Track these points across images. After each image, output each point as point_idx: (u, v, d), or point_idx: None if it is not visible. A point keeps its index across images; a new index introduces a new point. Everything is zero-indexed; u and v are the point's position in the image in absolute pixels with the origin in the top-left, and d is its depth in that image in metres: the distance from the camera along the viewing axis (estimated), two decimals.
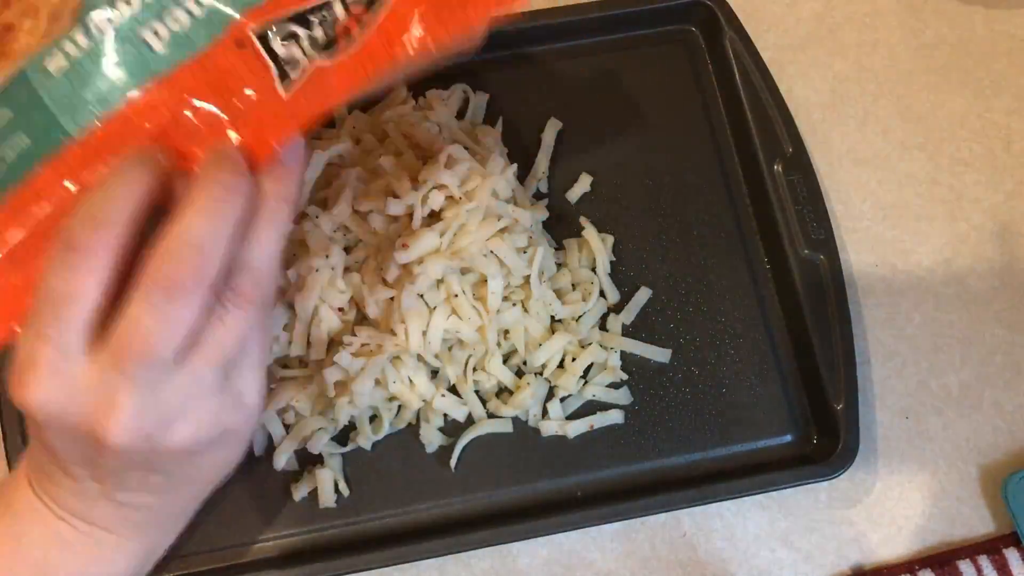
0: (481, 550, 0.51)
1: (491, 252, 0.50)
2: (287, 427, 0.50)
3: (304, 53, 0.34)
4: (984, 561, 0.51)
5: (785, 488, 0.51)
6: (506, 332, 0.52)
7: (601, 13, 0.60)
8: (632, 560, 0.51)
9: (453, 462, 0.51)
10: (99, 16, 0.33)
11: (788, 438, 0.53)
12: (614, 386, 0.53)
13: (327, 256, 0.48)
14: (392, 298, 0.49)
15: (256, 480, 0.50)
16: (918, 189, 0.60)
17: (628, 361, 0.54)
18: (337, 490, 0.50)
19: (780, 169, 0.56)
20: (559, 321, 0.53)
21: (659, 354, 0.54)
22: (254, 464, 0.50)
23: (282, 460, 0.50)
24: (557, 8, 0.60)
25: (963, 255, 0.58)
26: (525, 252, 0.51)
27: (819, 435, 0.53)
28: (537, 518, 0.50)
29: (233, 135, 0.34)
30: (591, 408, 0.53)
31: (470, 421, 0.52)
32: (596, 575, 0.51)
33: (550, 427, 0.52)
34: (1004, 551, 0.51)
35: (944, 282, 0.57)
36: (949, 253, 0.58)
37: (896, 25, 0.64)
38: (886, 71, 0.63)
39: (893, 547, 0.52)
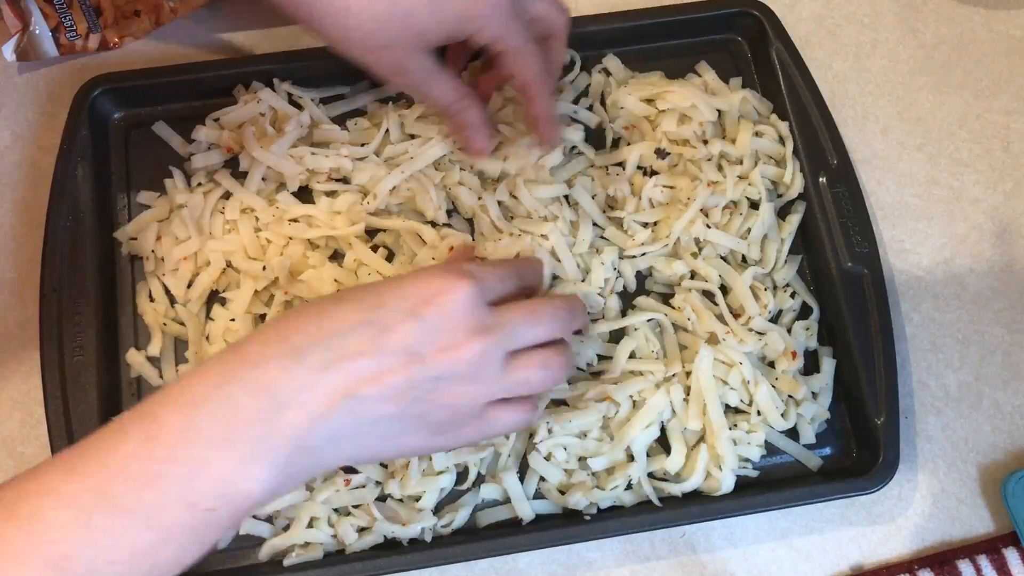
0: None
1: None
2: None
3: None
4: (983, 561, 0.51)
5: (824, 501, 0.51)
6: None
7: (647, 21, 0.60)
8: (632, 560, 0.51)
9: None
10: None
11: (827, 451, 0.53)
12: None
13: None
14: None
15: None
16: (917, 189, 0.60)
17: None
18: None
19: (825, 181, 0.56)
20: None
21: (811, 459, 0.52)
22: None
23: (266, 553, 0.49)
24: (602, 15, 0.60)
25: (962, 255, 0.58)
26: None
27: (858, 449, 0.52)
28: (595, 523, 0.49)
29: None
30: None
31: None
32: (596, 574, 0.51)
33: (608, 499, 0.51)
34: (1003, 551, 0.51)
35: (943, 282, 0.57)
36: (948, 253, 0.58)
37: (896, 25, 0.64)
38: (885, 71, 0.63)
39: (892, 547, 0.52)
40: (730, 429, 0.50)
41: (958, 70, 0.63)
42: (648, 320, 0.53)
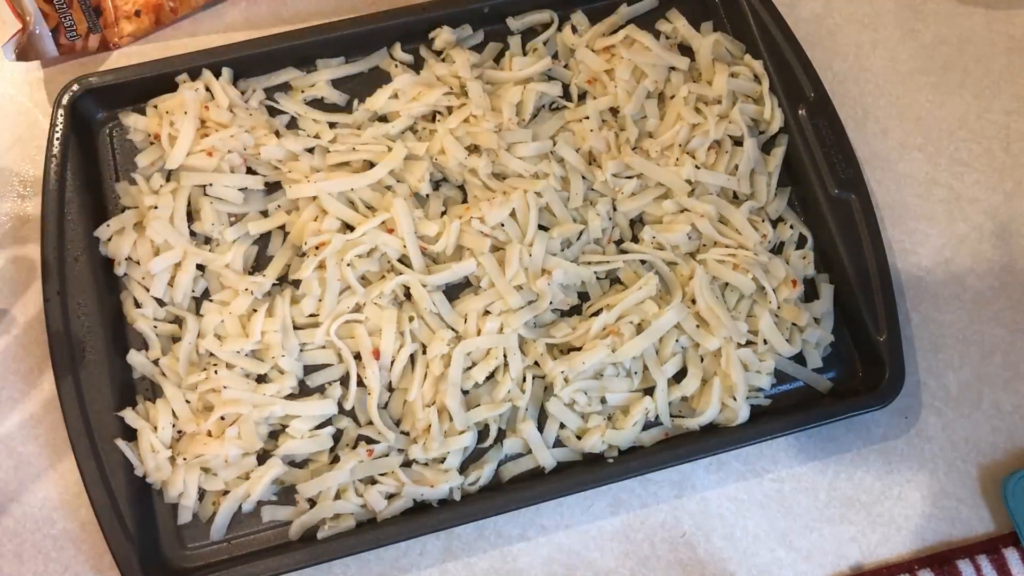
0: (481, 550, 0.51)
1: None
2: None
3: None
4: (983, 560, 0.51)
5: (839, 420, 0.51)
6: None
7: None
8: (632, 559, 0.51)
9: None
10: None
11: (834, 374, 0.54)
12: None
13: None
14: None
15: None
16: (917, 189, 0.60)
17: None
18: None
19: (804, 114, 0.57)
20: None
21: (820, 382, 0.54)
22: None
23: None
24: None
25: (962, 255, 0.58)
26: None
27: (864, 368, 0.53)
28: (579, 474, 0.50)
29: None
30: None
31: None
32: (596, 574, 0.51)
33: (627, 438, 0.51)
34: (1003, 550, 0.51)
35: (943, 282, 0.57)
36: (948, 253, 0.58)
37: (896, 25, 0.64)
38: (885, 71, 0.63)
39: (892, 547, 0.52)
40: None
41: (958, 70, 0.63)
42: (643, 264, 0.54)
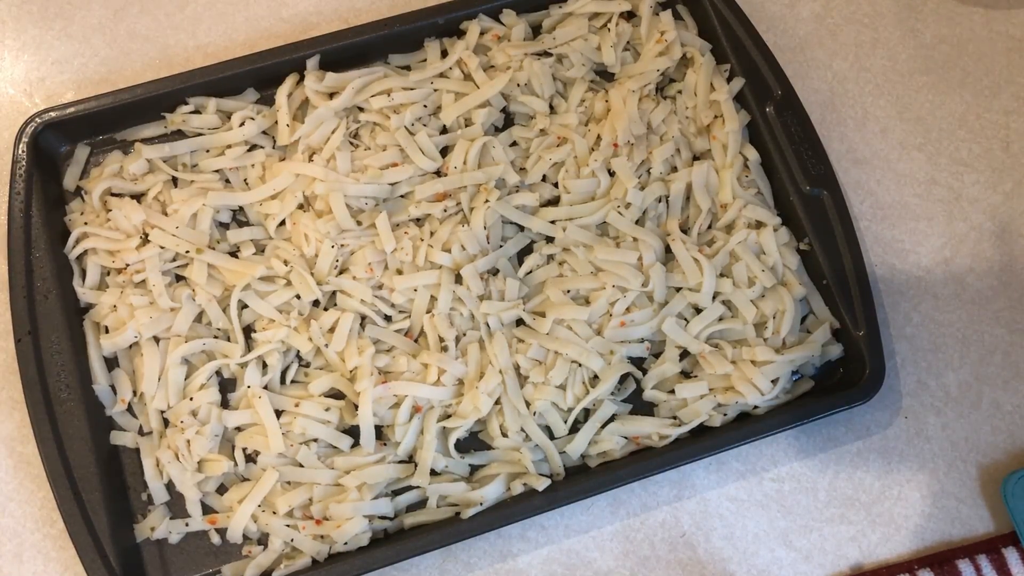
0: (480, 550, 0.51)
1: None
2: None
3: None
4: (983, 560, 0.51)
5: (822, 418, 0.51)
6: None
7: None
8: (632, 559, 0.51)
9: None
10: None
11: (813, 372, 0.54)
12: None
13: None
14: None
15: None
16: (917, 189, 0.60)
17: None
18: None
19: (772, 111, 0.57)
20: None
21: (801, 384, 0.54)
22: None
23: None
24: None
25: (962, 255, 0.58)
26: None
27: (844, 365, 0.53)
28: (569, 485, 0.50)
29: None
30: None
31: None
32: (596, 574, 0.51)
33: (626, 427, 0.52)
34: (1003, 550, 0.51)
35: (943, 282, 0.57)
36: (948, 253, 0.58)
37: (895, 25, 0.64)
38: (885, 71, 0.63)
39: (892, 546, 0.52)
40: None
41: (958, 70, 0.63)
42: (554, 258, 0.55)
